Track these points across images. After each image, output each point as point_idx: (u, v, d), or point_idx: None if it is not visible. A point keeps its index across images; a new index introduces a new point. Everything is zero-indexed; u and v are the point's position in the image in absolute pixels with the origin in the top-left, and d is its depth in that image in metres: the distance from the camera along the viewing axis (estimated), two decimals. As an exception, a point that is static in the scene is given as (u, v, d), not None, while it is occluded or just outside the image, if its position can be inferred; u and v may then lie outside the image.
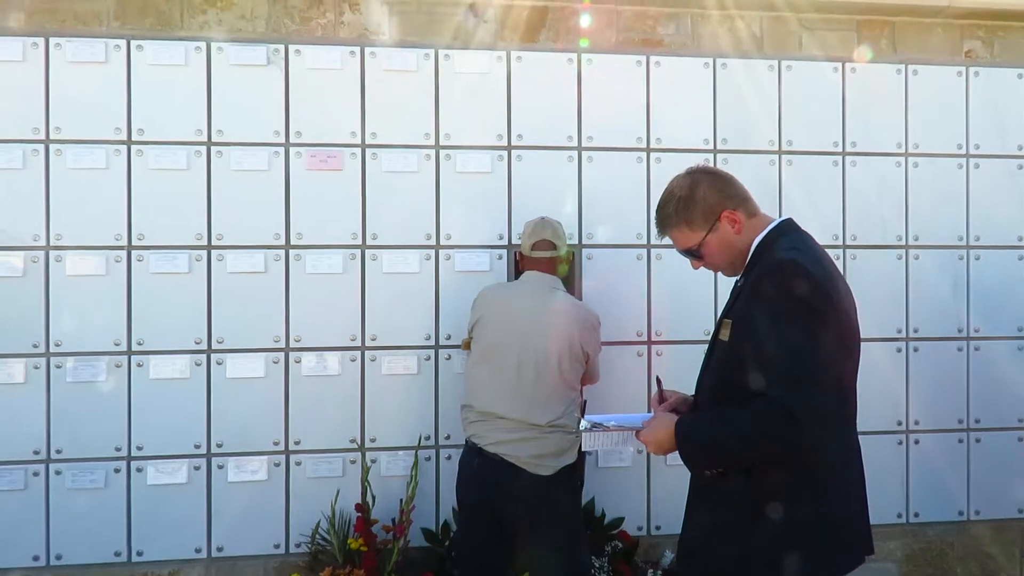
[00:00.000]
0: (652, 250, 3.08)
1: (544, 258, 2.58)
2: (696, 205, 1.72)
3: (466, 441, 2.56)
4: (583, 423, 1.87)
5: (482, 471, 2.46)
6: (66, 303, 2.75)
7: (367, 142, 2.92)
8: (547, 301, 2.52)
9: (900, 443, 3.18)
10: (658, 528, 3.03)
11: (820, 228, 3.12)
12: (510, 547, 2.47)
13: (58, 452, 2.74)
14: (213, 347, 2.82)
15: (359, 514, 2.70)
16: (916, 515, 3.19)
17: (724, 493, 1.63)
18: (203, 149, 2.84)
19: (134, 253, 2.79)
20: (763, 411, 1.50)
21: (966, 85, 3.28)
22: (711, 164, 3.08)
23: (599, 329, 2.59)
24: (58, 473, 2.74)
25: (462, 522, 2.63)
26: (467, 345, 2.64)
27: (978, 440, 3.21)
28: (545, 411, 2.42)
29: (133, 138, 2.80)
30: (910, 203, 3.22)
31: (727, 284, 3.07)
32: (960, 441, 3.21)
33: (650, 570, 2.82)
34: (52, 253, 2.75)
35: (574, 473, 2.50)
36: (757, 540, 1.56)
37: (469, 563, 2.55)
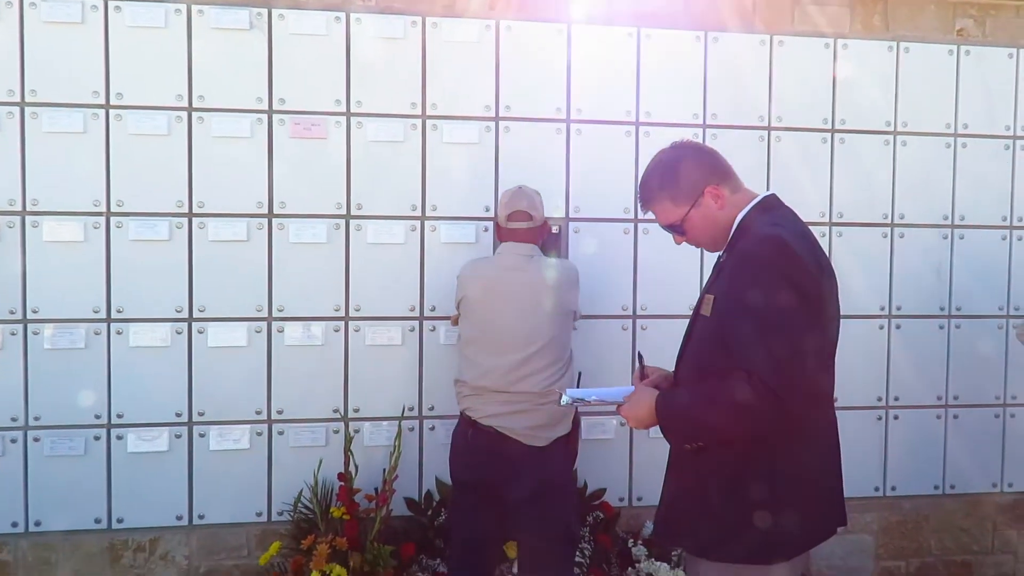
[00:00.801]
0: (639, 225, 3.07)
1: (520, 229, 2.54)
2: (680, 180, 1.71)
3: (460, 414, 2.54)
4: (564, 398, 1.87)
5: (476, 443, 2.44)
6: (43, 269, 2.71)
7: (352, 110, 2.88)
8: (527, 270, 2.50)
9: (880, 418, 3.22)
10: (639, 499, 3.06)
11: (807, 205, 3.13)
12: (504, 519, 2.46)
13: (36, 419, 2.72)
14: (195, 316, 2.79)
15: (342, 483, 2.70)
16: (893, 488, 3.24)
17: (702, 465, 1.64)
18: (184, 115, 2.78)
19: (113, 220, 2.75)
20: (743, 386, 1.50)
21: (957, 64, 3.27)
22: (700, 139, 3.07)
23: (578, 281, 2.60)
24: (36, 440, 2.72)
25: (456, 496, 2.58)
26: (456, 321, 2.63)
27: (956, 416, 3.26)
28: (538, 380, 2.41)
29: (111, 102, 2.74)
30: (897, 181, 3.22)
31: (712, 259, 3.07)
32: (938, 417, 3.26)
33: (631, 540, 2.84)
34: (28, 218, 2.70)
35: (568, 444, 2.49)
36: (734, 512, 1.58)
37: (463, 536, 2.52)
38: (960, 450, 3.23)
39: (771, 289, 1.51)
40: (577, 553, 2.62)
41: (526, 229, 2.55)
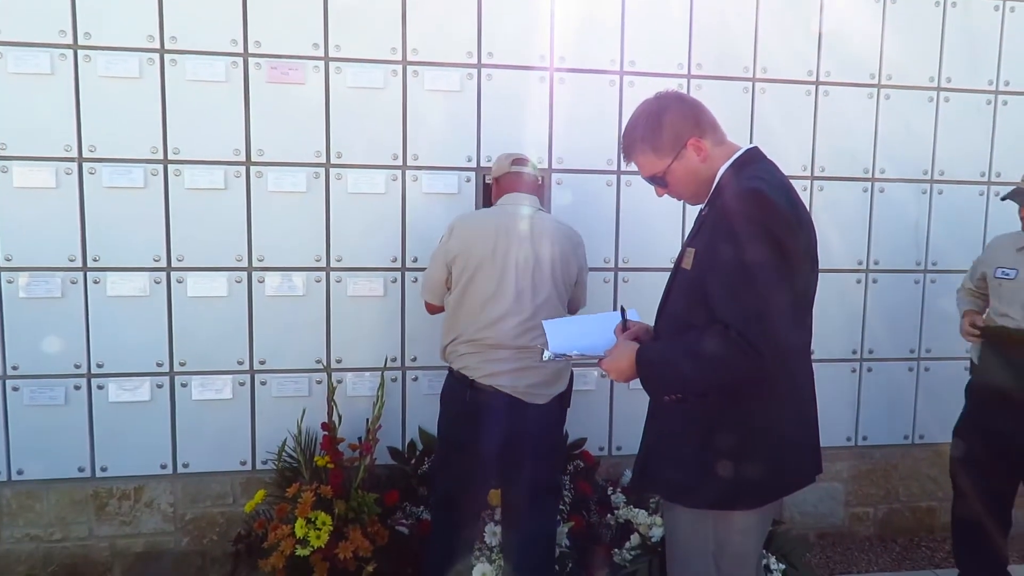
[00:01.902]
0: (622, 176, 3.05)
1: (526, 174, 2.45)
2: (663, 131, 1.68)
3: (451, 372, 2.41)
4: (546, 353, 1.86)
5: (475, 404, 2.33)
6: (15, 216, 2.65)
7: (330, 55, 2.80)
8: (533, 220, 2.35)
9: (854, 371, 3.30)
10: (619, 449, 3.13)
11: (790, 158, 3.14)
12: (492, 472, 2.43)
13: (14, 368, 2.69)
14: (173, 265, 2.75)
15: (325, 433, 2.72)
16: (864, 438, 3.34)
17: (679, 415, 1.66)
18: (156, 57, 2.69)
19: (86, 165, 2.68)
20: (722, 339, 1.51)
21: (943, 15, 3.24)
22: (684, 90, 3.04)
23: (584, 247, 2.49)
24: (15, 390, 2.70)
25: (444, 451, 2.49)
26: (435, 288, 2.43)
27: (927, 369, 3.34)
28: (541, 334, 2.26)
29: (80, 43, 2.64)
30: (879, 135, 3.23)
31: (694, 212, 3.09)
32: (910, 370, 3.34)
33: (610, 488, 2.91)
34: (-2, 164, 2.63)
35: (562, 400, 2.44)
36: (706, 460, 1.61)
37: (448, 488, 2.45)
38: (929, 401, 3.32)
39: (750, 243, 1.50)
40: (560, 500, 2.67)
41: (531, 177, 2.46)
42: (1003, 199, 2.69)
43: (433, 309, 2.52)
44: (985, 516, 2.71)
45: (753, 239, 1.51)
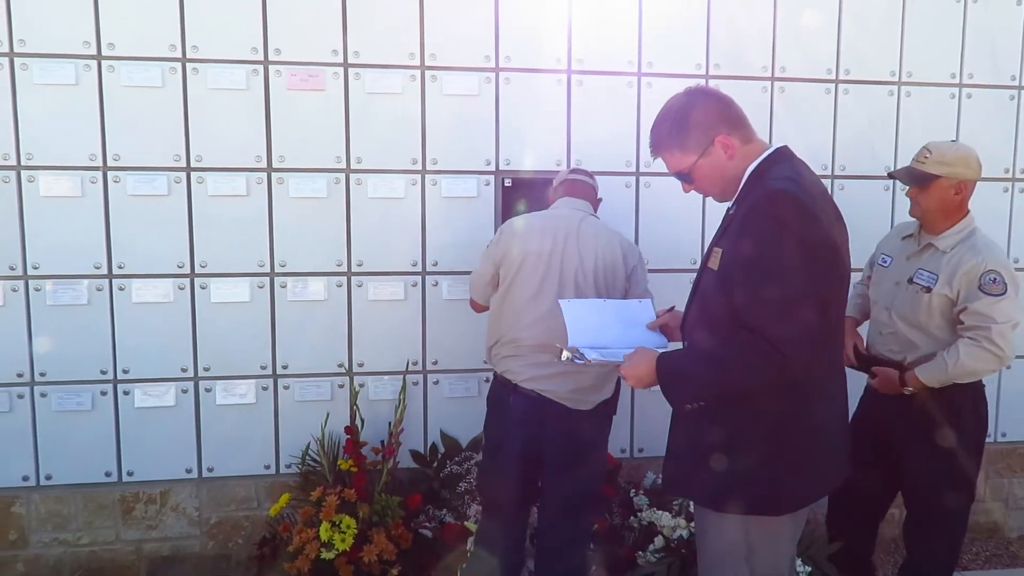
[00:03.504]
0: (640, 178, 3.05)
1: (580, 181, 2.46)
2: (690, 128, 1.66)
3: (496, 376, 2.41)
4: (564, 354, 1.84)
5: (518, 409, 2.30)
6: (42, 225, 2.69)
7: (349, 61, 2.82)
8: (581, 225, 2.33)
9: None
10: (640, 451, 3.13)
11: (809, 157, 3.07)
12: (543, 481, 2.40)
13: (42, 375, 2.73)
14: (196, 272, 2.78)
15: (348, 436, 2.74)
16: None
17: (709, 422, 1.63)
18: (178, 66, 2.72)
19: (110, 174, 2.71)
20: (748, 344, 1.49)
21: (963, 11, 3.21)
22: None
23: (643, 261, 2.42)
24: (43, 396, 2.73)
25: (488, 459, 2.46)
26: (482, 290, 2.44)
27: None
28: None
29: (103, 53, 2.67)
30: (900, 133, 3.20)
31: (716, 213, 3.06)
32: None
33: (632, 490, 2.91)
34: (24, 173, 2.66)
35: (609, 407, 2.40)
36: (741, 468, 1.58)
37: (496, 500, 2.41)
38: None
39: (777, 245, 1.48)
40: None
41: (585, 185, 2.46)
42: (890, 176, 2.53)
43: (477, 308, 2.54)
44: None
45: (779, 242, 1.48)
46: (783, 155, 1.66)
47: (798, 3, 3.09)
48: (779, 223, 1.49)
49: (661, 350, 1.70)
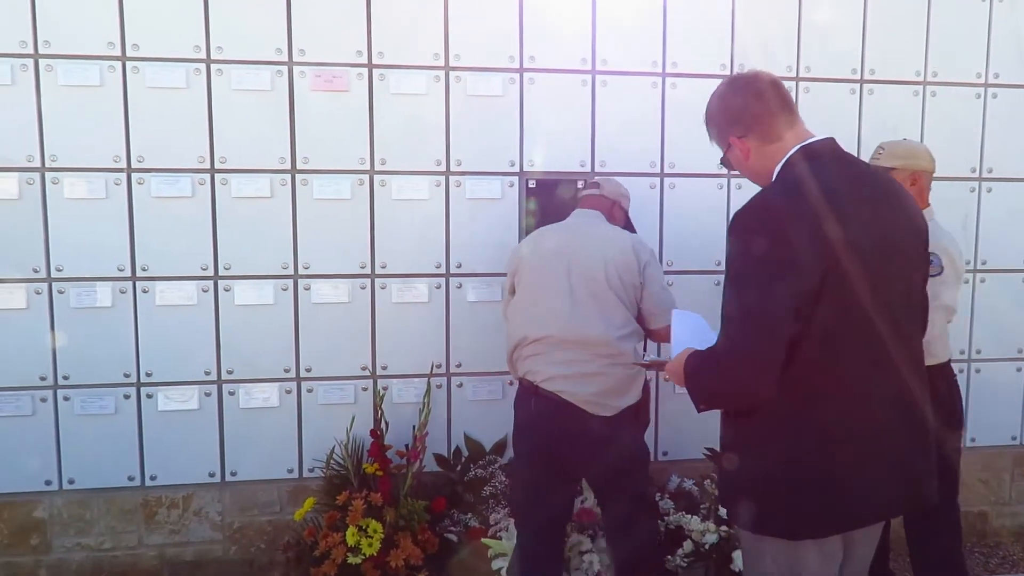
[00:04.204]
0: (665, 179, 3.03)
1: (589, 195, 2.51)
2: (711, 123, 1.65)
3: (519, 383, 2.37)
4: (646, 357, 1.83)
5: (539, 413, 2.25)
6: (65, 227, 2.67)
7: (374, 62, 2.80)
8: (593, 225, 2.39)
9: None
10: (665, 454, 3.09)
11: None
12: (576, 487, 2.40)
13: (65, 378, 2.71)
14: (220, 274, 2.76)
15: (373, 440, 2.72)
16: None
17: (726, 428, 1.61)
18: (202, 67, 2.70)
19: (134, 176, 2.69)
20: (707, 358, 1.50)
21: (990, 10, 3.18)
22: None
23: (656, 258, 2.39)
24: (66, 399, 2.71)
25: (520, 469, 2.42)
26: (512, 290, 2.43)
27: (978, 371, 3.27)
28: (602, 324, 2.21)
29: (128, 55, 2.66)
30: (925, 133, 3.17)
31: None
32: (961, 371, 3.27)
33: (657, 494, 2.87)
34: (48, 175, 2.65)
35: (638, 414, 2.32)
36: (748, 482, 1.54)
37: (530, 514, 2.35)
38: (982, 404, 3.25)
39: (738, 266, 1.46)
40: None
41: (596, 196, 2.49)
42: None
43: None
44: None
45: (739, 262, 1.46)
46: (808, 154, 1.54)
47: (823, 3, 3.07)
48: (743, 233, 1.46)
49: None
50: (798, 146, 1.56)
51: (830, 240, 1.40)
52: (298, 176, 2.78)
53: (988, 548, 3.33)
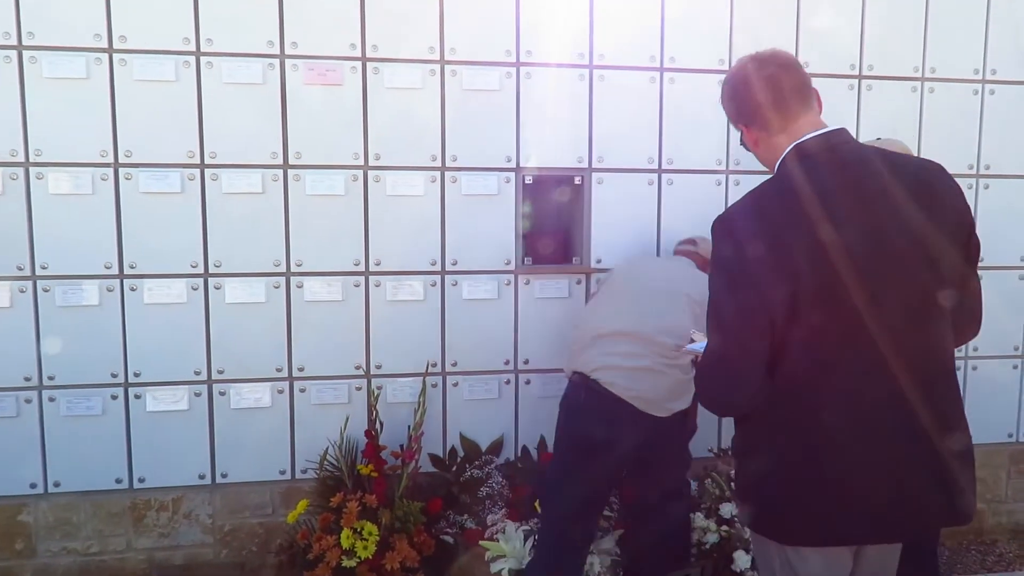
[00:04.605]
0: (663, 175, 2.99)
1: (688, 249, 2.72)
2: (724, 108, 1.63)
3: (569, 381, 2.42)
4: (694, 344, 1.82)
5: (589, 407, 2.28)
6: (50, 223, 2.60)
7: (368, 55, 2.75)
8: (685, 266, 2.58)
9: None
10: (663, 453, 3.06)
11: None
12: (612, 484, 2.44)
13: (51, 379, 2.64)
14: (210, 271, 2.70)
15: (368, 440, 2.67)
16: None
17: (737, 433, 1.59)
18: (192, 60, 2.64)
19: (122, 171, 2.63)
20: (699, 366, 1.56)
21: (988, 6, 3.17)
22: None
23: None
24: (52, 400, 2.64)
25: (564, 453, 2.40)
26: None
27: (975, 368, 3.27)
28: (669, 328, 2.25)
29: (115, 46, 2.59)
30: (924, 130, 3.16)
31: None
32: (958, 369, 3.26)
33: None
34: (32, 170, 2.58)
35: (687, 419, 2.36)
36: (746, 481, 1.55)
37: (566, 496, 2.35)
38: (979, 401, 3.24)
39: (713, 263, 1.50)
40: (606, 508, 2.60)
41: (692, 251, 2.70)
42: None
43: None
44: None
45: (712, 272, 1.50)
46: (799, 154, 1.48)
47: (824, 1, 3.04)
48: (713, 248, 1.50)
49: None
50: (792, 144, 1.50)
51: (809, 246, 1.36)
52: (290, 172, 2.73)
53: (984, 546, 3.32)
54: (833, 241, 1.36)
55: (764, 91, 1.52)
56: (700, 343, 1.73)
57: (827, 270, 1.36)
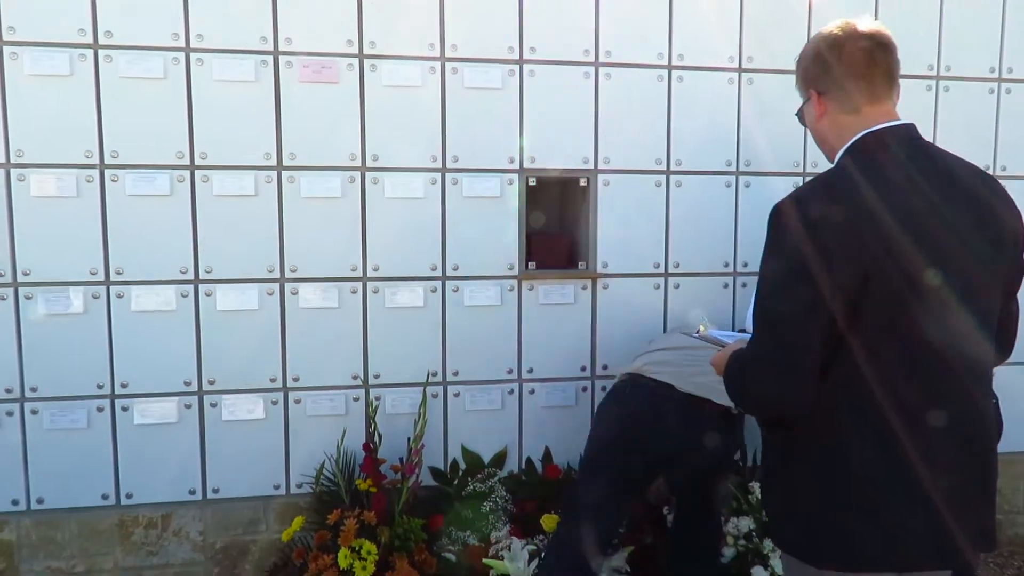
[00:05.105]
0: (671, 176, 2.89)
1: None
2: (799, 66, 1.51)
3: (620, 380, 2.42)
4: (704, 329, 1.73)
5: (635, 396, 2.27)
6: (33, 227, 2.48)
7: (365, 52, 2.64)
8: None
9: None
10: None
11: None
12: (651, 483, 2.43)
13: (33, 390, 2.52)
14: (201, 277, 2.58)
15: (366, 454, 2.56)
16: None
17: (767, 445, 1.49)
18: (181, 56, 2.53)
19: (108, 172, 2.51)
20: (741, 363, 1.39)
21: (1003, 3, 3.08)
22: (735, 85, 2.88)
23: None
24: (34, 412, 2.52)
25: (608, 430, 2.32)
26: None
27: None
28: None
29: (100, 42, 2.48)
30: (939, 129, 3.06)
31: (751, 214, 2.93)
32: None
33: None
34: (14, 171, 2.46)
35: (734, 425, 2.29)
36: (776, 497, 1.45)
37: (611, 468, 2.26)
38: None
39: (766, 252, 1.36)
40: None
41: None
42: None
43: None
44: None
45: (764, 258, 1.36)
46: (868, 145, 1.40)
47: (834, -5, 2.95)
48: (767, 237, 1.36)
49: None
50: (865, 131, 1.40)
51: (886, 243, 1.25)
52: (284, 173, 2.61)
53: (1003, 558, 3.23)
54: (911, 242, 1.27)
55: (857, 62, 1.41)
56: (721, 332, 1.63)
57: (900, 271, 1.26)
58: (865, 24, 1.43)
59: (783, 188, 2.96)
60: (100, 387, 2.55)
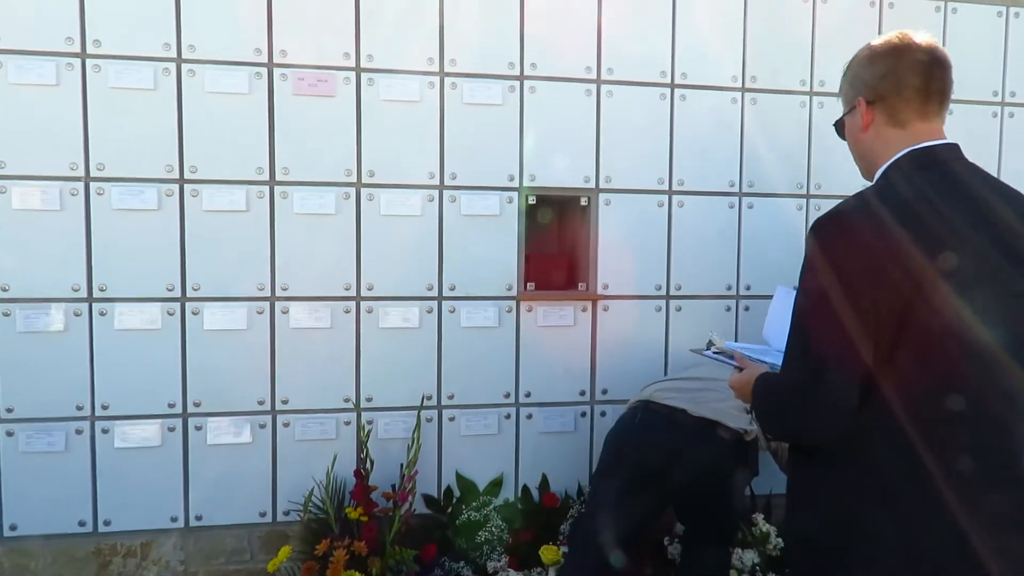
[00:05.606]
0: (673, 197, 2.83)
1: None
2: (847, 73, 1.44)
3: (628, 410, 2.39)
4: (717, 343, 1.67)
5: (646, 422, 2.24)
6: (13, 242, 2.39)
7: (362, 65, 2.57)
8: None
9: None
10: (672, 493, 2.87)
11: (850, 178, 2.93)
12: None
13: (8, 411, 2.41)
14: (188, 295, 2.49)
15: (357, 480, 2.46)
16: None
17: (792, 468, 1.42)
18: (172, 67, 2.45)
19: (93, 185, 2.42)
20: (771, 390, 1.34)
21: (1006, 26, 3.07)
22: (738, 105, 2.83)
23: None
24: (10, 435, 2.41)
25: (618, 483, 2.27)
26: None
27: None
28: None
29: (88, 51, 2.40)
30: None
31: (754, 236, 2.88)
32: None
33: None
34: (-6, 183, 2.37)
35: (747, 452, 2.22)
36: (790, 531, 1.42)
37: (624, 464, 2.26)
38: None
39: (804, 273, 1.28)
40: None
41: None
42: None
43: None
44: None
45: (803, 275, 1.28)
46: (913, 162, 1.32)
47: (838, 18, 2.92)
48: (810, 255, 1.27)
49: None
50: (910, 147, 1.33)
51: (933, 265, 1.18)
52: (277, 188, 2.53)
53: None
54: (958, 267, 1.20)
55: (914, 75, 1.34)
56: (737, 343, 1.55)
57: (948, 297, 1.19)
58: (922, 37, 1.37)
59: (787, 209, 2.91)
60: (80, 408, 2.45)
